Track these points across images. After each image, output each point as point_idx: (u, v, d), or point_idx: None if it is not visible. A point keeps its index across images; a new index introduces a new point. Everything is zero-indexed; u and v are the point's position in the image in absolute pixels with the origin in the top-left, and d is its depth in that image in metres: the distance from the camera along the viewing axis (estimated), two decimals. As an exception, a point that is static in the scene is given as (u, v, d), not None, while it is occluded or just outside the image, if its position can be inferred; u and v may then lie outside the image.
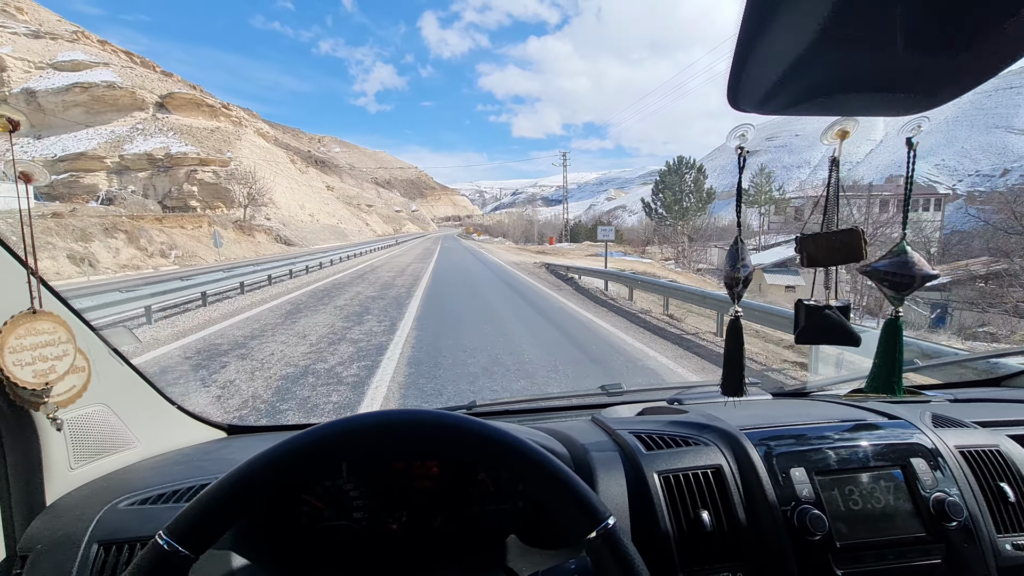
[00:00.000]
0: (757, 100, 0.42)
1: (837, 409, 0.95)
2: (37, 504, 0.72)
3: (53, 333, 0.69)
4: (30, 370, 0.66)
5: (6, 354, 0.63)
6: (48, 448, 0.73)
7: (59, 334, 0.69)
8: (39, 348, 0.67)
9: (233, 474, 0.47)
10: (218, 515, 0.46)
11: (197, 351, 5.39)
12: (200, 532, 0.45)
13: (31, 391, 0.66)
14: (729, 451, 0.77)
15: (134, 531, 0.67)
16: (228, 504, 0.46)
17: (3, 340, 0.63)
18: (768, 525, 0.70)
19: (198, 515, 0.46)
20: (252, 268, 12.37)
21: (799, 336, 0.85)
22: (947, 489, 0.74)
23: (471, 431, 0.52)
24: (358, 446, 0.51)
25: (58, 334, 0.69)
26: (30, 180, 0.69)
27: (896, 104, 0.43)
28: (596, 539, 0.47)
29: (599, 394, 1.30)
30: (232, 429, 1.08)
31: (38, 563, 0.64)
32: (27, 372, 0.65)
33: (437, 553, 0.78)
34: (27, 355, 0.65)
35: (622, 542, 0.47)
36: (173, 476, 0.79)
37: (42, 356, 0.67)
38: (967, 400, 1.10)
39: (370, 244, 34.21)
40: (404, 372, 4.57)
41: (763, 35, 0.34)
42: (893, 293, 0.80)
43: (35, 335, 0.67)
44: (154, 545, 0.43)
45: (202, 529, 0.45)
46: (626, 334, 6.43)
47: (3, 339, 0.63)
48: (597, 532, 0.47)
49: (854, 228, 0.79)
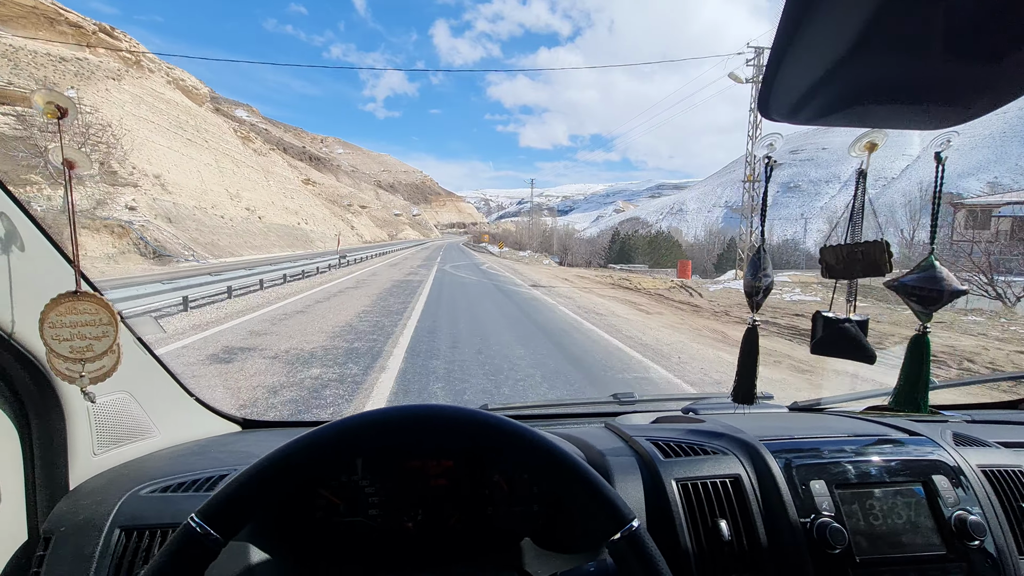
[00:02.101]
0: (788, 109, 0.44)
1: (855, 424, 0.98)
2: (60, 488, 0.77)
3: (95, 314, 0.75)
4: (67, 346, 0.72)
5: (45, 328, 0.71)
6: (73, 433, 0.78)
7: (100, 315, 0.75)
8: (79, 327, 0.73)
9: (262, 462, 0.51)
10: (248, 501, 0.49)
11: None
12: (231, 516, 0.48)
13: (67, 365, 0.72)
14: (748, 461, 0.80)
15: (155, 517, 0.72)
16: (258, 491, 0.50)
17: (44, 315, 0.71)
18: (787, 537, 0.72)
19: (229, 500, 0.49)
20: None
21: (815, 347, 0.88)
22: (969, 508, 0.76)
23: (494, 425, 0.54)
24: (382, 438, 0.54)
25: (99, 315, 0.75)
26: (73, 167, 0.74)
27: (928, 116, 0.45)
28: (620, 541, 0.49)
29: (611, 402, 1.33)
30: (247, 423, 1.14)
31: (61, 545, 0.69)
32: (64, 347, 0.72)
33: (451, 552, 0.81)
34: (66, 331, 0.72)
35: (647, 544, 0.49)
36: (192, 466, 0.84)
37: (80, 334, 0.73)
38: (985, 421, 1.13)
39: (314, 260, 17.10)
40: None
41: (799, 42, 0.35)
42: (920, 308, 0.83)
43: (76, 314, 0.73)
44: (187, 527, 0.46)
45: (233, 513, 0.48)
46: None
47: (44, 314, 0.71)
48: (622, 534, 0.49)
49: (879, 241, 0.83)
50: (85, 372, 0.74)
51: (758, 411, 0.89)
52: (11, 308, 0.69)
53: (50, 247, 0.76)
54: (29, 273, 0.72)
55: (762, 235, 0.89)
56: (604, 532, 0.50)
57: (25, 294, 0.70)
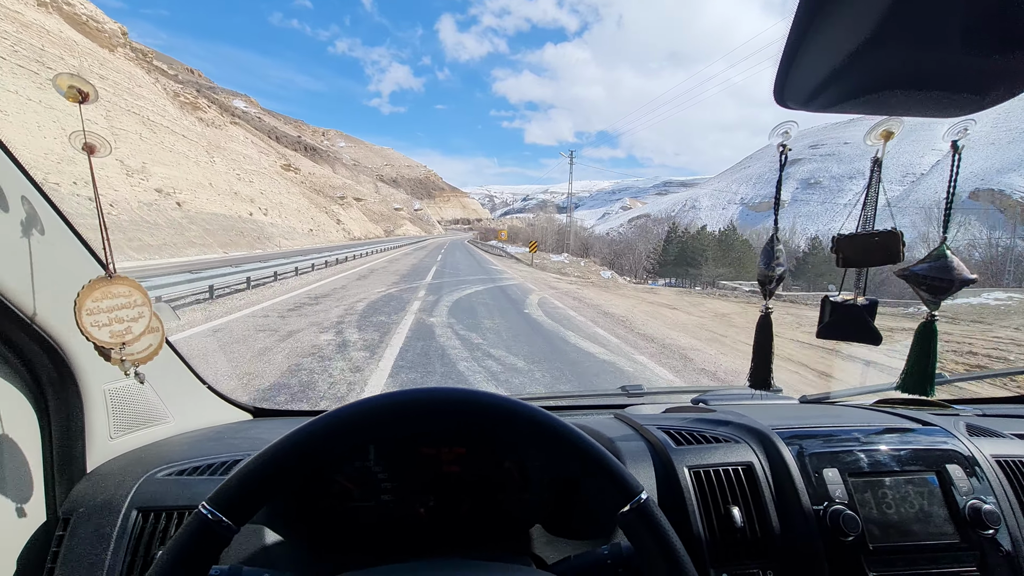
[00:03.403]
0: (804, 97, 0.45)
1: (867, 415, 1.01)
2: (78, 470, 0.81)
3: (129, 296, 0.78)
4: (107, 331, 0.75)
5: (84, 316, 0.72)
6: (91, 417, 0.82)
7: (135, 297, 0.78)
8: (115, 311, 0.76)
9: (272, 448, 0.51)
10: (259, 488, 0.50)
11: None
12: (242, 503, 0.49)
13: (110, 349, 0.75)
14: (760, 449, 0.83)
15: (172, 500, 0.75)
16: (268, 478, 0.51)
17: (81, 303, 0.72)
18: (800, 524, 0.75)
19: (240, 487, 0.50)
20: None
21: (822, 331, 0.90)
22: (983, 497, 0.79)
23: (501, 406, 0.56)
24: (390, 424, 0.55)
25: (134, 297, 0.78)
26: (94, 152, 0.78)
27: (945, 104, 0.46)
28: (630, 513, 0.51)
29: (620, 394, 1.37)
30: (258, 412, 1.19)
31: (80, 526, 0.72)
32: (104, 333, 0.74)
33: (463, 538, 0.85)
34: (104, 316, 0.75)
35: (656, 514, 0.51)
36: (207, 451, 0.88)
37: (118, 318, 0.76)
38: (997, 415, 1.14)
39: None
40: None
41: (816, 28, 0.36)
42: (930, 297, 0.86)
43: (111, 298, 0.76)
44: (198, 515, 0.47)
45: (244, 500, 0.49)
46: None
47: (81, 302, 0.72)
48: (631, 506, 0.51)
49: (893, 230, 0.85)
50: (130, 355, 0.77)
51: (768, 402, 0.92)
52: (32, 294, 0.71)
53: (69, 233, 0.79)
54: (48, 259, 0.74)
55: (775, 226, 0.91)
56: (615, 505, 0.52)
57: (46, 279, 0.73)
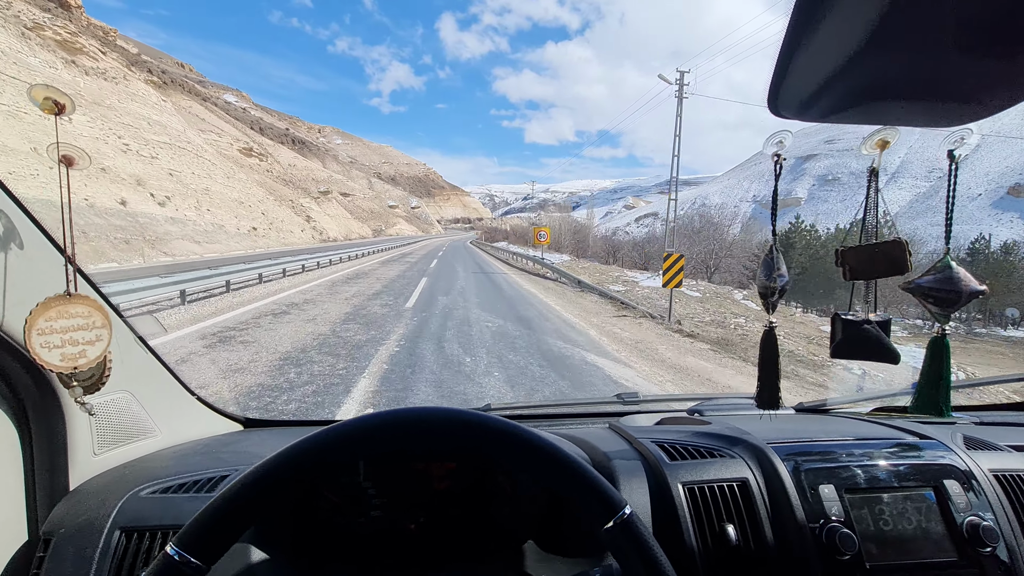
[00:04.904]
0: (799, 105, 0.45)
1: (863, 426, 1.01)
2: (60, 488, 0.81)
3: (87, 317, 0.75)
4: (58, 353, 0.71)
5: (34, 335, 0.69)
6: (73, 433, 0.82)
7: (94, 319, 0.76)
8: (70, 332, 0.73)
9: (244, 479, 0.51)
10: (228, 524, 0.50)
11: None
12: (211, 542, 0.49)
13: (60, 374, 0.72)
14: (756, 465, 0.84)
15: (156, 519, 0.76)
16: (238, 512, 0.50)
17: (32, 321, 0.69)
18: (795, 542, 0.75)
19: (208, 525, 0.49)
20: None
21: (835, 350, 0.90)
22: (981, 513, 0.79)
23: (484, 426, 0.57)
24: (374, 444, 0.56)
25: (93, 319, 0.76)
26: (72, 164, 0.79)
27: (943, 113, 0.47)
28: (614, 528, 0.52)
29: (615, 402, 1.38)
30: (249, 422, 1.20)
31: (61, 547, 0.72)
32: (55, 355, 0.71)
33: (454, 554, 0.85)
34: (56, 338, 0.71)
35: (640, 530, 0.52)
36: (194, 466, 0.88)
37: (72, 340, 0.73)
38: (995, 423, 1.15)
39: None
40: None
41: (810, 36, 0.36)
42: (938, 310, 0.85)
43: (67, 318, 0.73)
44: (164, 557, 0.47)
45: (213, 539, 0.49)
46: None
47: (32, 320, 0.69)
48: (615, 521, 0.52)
49: (897, 239, 0.85)
50: (80, 382, 0.75)
51: (764, 412, 0.92)
52: (3, 307, 0.70)
53: (48, 245, 0.79)
54: (25, 271, 0.74)
55: (773, 234, 0.91)
56: (599, 522, 0.53)
57: (23, 293, 0.73)
